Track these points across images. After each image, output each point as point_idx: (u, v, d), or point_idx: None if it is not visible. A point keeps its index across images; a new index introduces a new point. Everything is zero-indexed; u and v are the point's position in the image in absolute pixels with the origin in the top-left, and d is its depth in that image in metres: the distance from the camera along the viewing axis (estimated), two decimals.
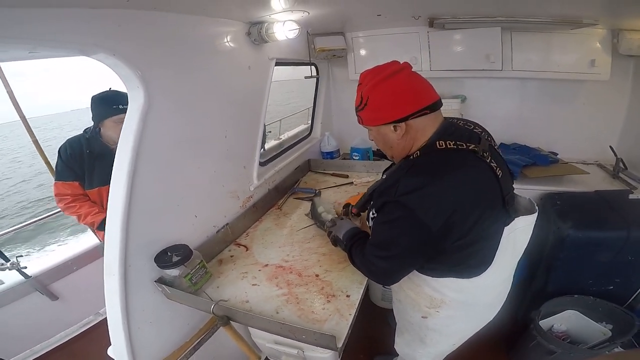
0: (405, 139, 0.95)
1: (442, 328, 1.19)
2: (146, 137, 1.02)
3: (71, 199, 1.66)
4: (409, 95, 0.89)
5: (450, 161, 0.87)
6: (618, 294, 1.73)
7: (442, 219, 0.82)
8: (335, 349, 0.92)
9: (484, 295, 1.10)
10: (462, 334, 1.27)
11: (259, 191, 1.76)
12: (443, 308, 1.11)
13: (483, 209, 0.86)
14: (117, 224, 1.00)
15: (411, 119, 0.90)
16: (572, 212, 1.73)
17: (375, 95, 0.91)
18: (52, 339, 2.27)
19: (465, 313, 1.14)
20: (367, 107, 0.94)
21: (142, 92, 0.98)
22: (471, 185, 0.86)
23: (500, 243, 0.95)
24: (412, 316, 1.26)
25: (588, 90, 2.18)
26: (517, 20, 1.85)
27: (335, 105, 2.85)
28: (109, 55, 0.89)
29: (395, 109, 0.90)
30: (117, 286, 1.02)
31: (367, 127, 1.03)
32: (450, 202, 0.82)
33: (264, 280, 1.25)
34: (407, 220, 0.84)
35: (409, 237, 0.88)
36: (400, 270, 0.99)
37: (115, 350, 1.10)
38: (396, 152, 1.01)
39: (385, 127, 0.95)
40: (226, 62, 1.39)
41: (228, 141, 1.46)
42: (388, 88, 0.89)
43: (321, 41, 2.15)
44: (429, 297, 1.12)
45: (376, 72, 0.92)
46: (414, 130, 0.93)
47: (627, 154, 2.07)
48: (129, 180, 0.99)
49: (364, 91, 0.94)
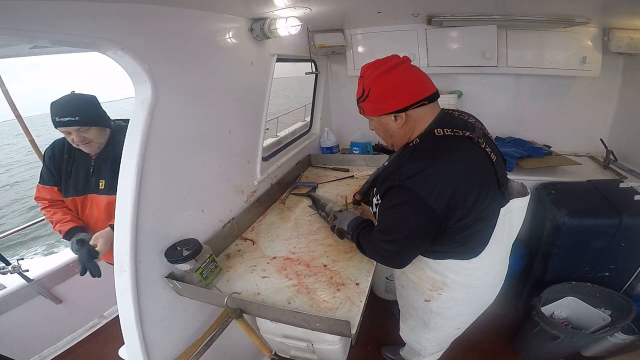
0: (404, 128, 1.00)
1: (445, 311, 1.24)
2: (153, 132, 1.02)
3: (48, 204, 1.57)
4: (409, 87, 0.94)
5: (448, 146, 0.93)
6: (614, 279, 1.80)
7: (445, 200, 0.87)
8: (350, 335, 0.94)
9: (482, 277, 1.16)
10: (465, 317, 1.31)
11: (262, 186, 1.78)
12: (445, 290, 1.17)
13: (480, 189, 0.92)
14: (127, 219, 1.00)
15: (411, 109, 0.95)
16: (566, 200, 1.79)
17: (376, 87, 0.96)
18: (59, 344, 2.23)
19: (466, 295, 1.19)
20: (368, 99, 0.99)
21: (150, 86, 0.98)
22: (469, 167, 0.92)
23: (496, 224, 1.01)
24: (416, 300, 1.30)
25: (579, 86, 2.26)
26: (513, 18, 1.92)
27: (334, 101, 2.89)
28: (117, 49, 0.90)
29: (395, 100, 0.94)
30: (129, 284, 1.01)
31: (369, 117, 1.07)
32: (451, 183, 0.88)
33: (273, 272, 1.26)
34: (412, 203, 0.89)
35: (415, 219, 0.93)
36: (409, 252, 1.03)
37: (129, 350, 1.09)
38: (396, 141, 1.06)
39: (386, 117, 0.99)
40: (230, 57, 1.40)
41: (232, 136, 1.47)
42: (389, 80, 0.94)
43: (321, 38, 2.19)
44: (431, 280, 1.17)
45: (377, 65, 0.96)
46: (413, 120, 0.98)
47: (617, 146, 2.15)
48: (137, 175, 0.99)
49: (365, 83, 0.98)
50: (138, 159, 0.99)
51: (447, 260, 1.09)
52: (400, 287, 1.42)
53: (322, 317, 0.96)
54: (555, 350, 1.80)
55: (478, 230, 1.00)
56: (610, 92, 2.21)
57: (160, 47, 1.04)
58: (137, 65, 0.95)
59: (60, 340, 2.24)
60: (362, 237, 1.15)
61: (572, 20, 1.84)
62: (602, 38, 1.99)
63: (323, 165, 2.37)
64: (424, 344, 1.49)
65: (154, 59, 1.00)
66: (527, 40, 2.12)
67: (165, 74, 1.05)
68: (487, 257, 1.06)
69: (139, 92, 1.00)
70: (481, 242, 1.04)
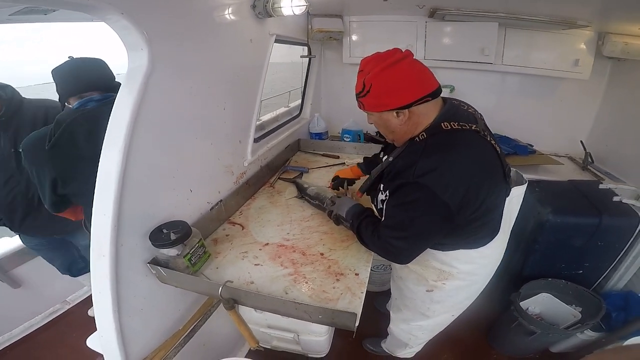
0: (407, 125, 0.97)
1: (446, 299, 1.27)
2: (145, 102, 0.92)
3: None
4: (412, 83, 0.91)
5: (459, 140, 0.92)
6: (586, 277, 1.88)
7: (459, 196, 0.87)
8: (353, 327, 0.90)
9: (487, 265, 1.20)
10: (462, 304, 1.34)
11: (252, 168, 1.70)
12: (450, 280, 1.19)
13: (491, 182, 0.94)
14: (109, 195, 0.88)
15: (414, 106, 0.92)
16: (550, 198, 1.84)
17: (378, 83, 0.91)
18: (14, 330, 2.07)
19: (469, 283, 1.22)
20: (369, 94, 0.94)
21: (146, 54, 0.88)
22: (480, 161, 0.92)
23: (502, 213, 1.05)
24: (416, 292, 1.30)
25: (566, 87, 2.33)
26: (517, 17, 1.94)
27: (325, 87, 2.84)
28: (117, 14, 0.79)
29: (398, 96, 0.91)
30: (108, 269, 0.90)
31: (369, 112, 1.03)
32: (465, 179, 0.87)
33: (267, 260, 1.19)
34: (427, 200, 0.87)
35: (430, 216, 0.91)
36: (418, 248, 1.01)
37: (102, 342, 0.99)
38: (398, 136, 1.03)
39: (387, 114, 0.96)
40: (229, 33, 1.30)
41: (226, 114, 1.37)
42: (391, 76, 0.90)
43: (319, 22, 2.14)
44: (437, 271, 1.18)
45: (379, 60, 0.92)
46: (416, 116, 0.95)
47: (595, 149, 2.24)
48: (125, 146, 0.88)
49: (366, 78, 0.93)
50: (126, 130, 0.88)
51: (456, 251, 1.10)
52: (398, 278, 1.40)
53: (325, 308, 0.91)
54: (529, 345, 1.86)
55: (487, 221, 1.02)
56: (595, 96, 2.29)
57: (159, 16, 0.93)
58: (136, 31, 0.85)
59: (17, 327, 2.08)
60: (364, 228, 1.11)
61: (574, 23, 1.88)
62: (596, 42, 2.05)
63: (312, 151, 2.32)
64: (416, 333, 1.50)
65: (153, 27, 0.89)
66: (524, 40, 2.16)
67: (163, 45, 0.94)
68: (493, 245, 1.09)
69: (133, 59, 0.89)
70: (490, 232, 1.06)
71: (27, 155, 1.22)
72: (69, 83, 1.24)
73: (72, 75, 1.24)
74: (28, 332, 2.09)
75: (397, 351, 1.78)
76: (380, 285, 2.39)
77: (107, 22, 0.83)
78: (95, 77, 1.27)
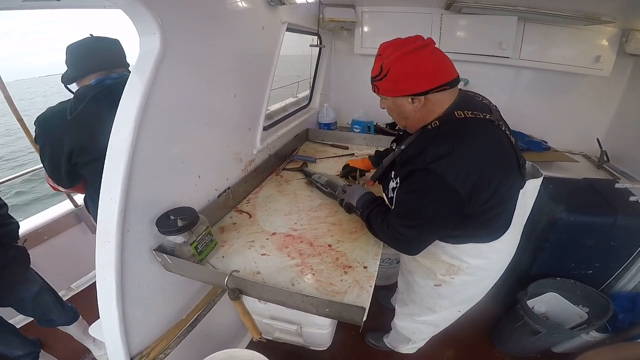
0: (421, 112, 0.96)
1: (454, 295, 1.25)
2: (156, 86, 0.90)
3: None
4: (431, 70, 0.89)
5: (472, 128, 0.91)
6: (596, 278, 1.84)
7: (470, 184, 0.85)
8: (360, 322, 0.88)
9: (498, 260, 1.17)
10: (470, 300, 1.33)
11: (260, 156, 1.69)
12: (459, 275, 1.17)
13: (503, 172, 0.92)
14: (117, 179, 0.86)
15: (431, 93, 0.91)
16: (564, 196, 1.79)
17: (396, 68, 0.90)
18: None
19: (478, 279, 1.20)
20: (386, 78, 0.93)
21: (158, 39, 0.87)
22: (493, 150, 0.91)
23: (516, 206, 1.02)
24: (423, 286, 1.29)
25: (586, 84, 2.27)
26: (537, 11, 1.89)
27: (334, 78, 2.82)
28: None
29: (416, 83, 0.90)
30: (113, 256, 0.89)
31: (383, 96, 1.02)
32: (477, 167, 0.86)
33: (273, 250, 1.17)
34: (438, 187, 0.86)
35: (439, 204, 0.90)
36: (428, 238, 1.00)
37: (105, 330, 0.98)
38: (411, 123, 1.02)
39: (402, 99, 0.95)
40: (241, 20, 1.28)
41: (236, 101, 1.35)
42: (411, 62, 0.88)
43: (331, 12, 2.11)
44: (446, 265, 1.16)
45: (400, 45, 0.90)
46: (431, 104, 0.94)
47: (612, 147, 2.19)
48: (135, 130, 0.86)
49: (384, 62, 0.91)
50: (136, 113, 0.86)
51: (467, 245, 1.07)
52: (406, 271, 1.39)
53: (333, 302, 0.89)
54: (532, 345, 1.84)
55: (499, 213, 0.99)
56: (614, 93, 2.23)
57: (173, 2, 0.91)
58: (149, 16, 0.83)
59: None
60: (374, 217, 1.09)
61: (598, 19, 1.83)
62: (620, 38, 1.99)
63: (321, 141, 2.31)
64: (421, 327, 1.49)
65: (166, 13, 0.87)
66: (543, 35, 2.11)
67: (175, 30, 0.92)
68: (505, 239, 1.06)
69: (145, 43, 0.88)
70: (502, 225, 1.03)
71: (44, 128, 1.21)
72: (87, 60, 1.25)
73: (93, 51, 1.25)
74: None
75: (399, 346, 1.78)
76: (385, 279, 2.38)
77: (120, 7, 0.82)
78: (115, 56, 1.29)
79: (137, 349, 1.05)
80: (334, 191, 1.41)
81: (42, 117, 1.21)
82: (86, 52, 1.24)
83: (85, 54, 1.24)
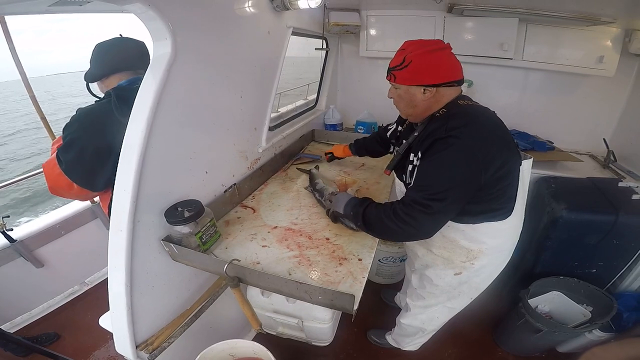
0: (429, 102, 1.08)
1: (473, 279, 1.32)
2: (168, 87, 0.97)
3: None
4: (447, 68, 1.05)
5: (479, 109, 1.07)
6: (600, 277, 1.84)
7: (485, 150, 0.96)
8: (352, 310, 0.92)
9: (511, 238, 1.25)
10: (484, 282, 1.36)
11: (266, 154, 1.76)
12: (478, 258, 1.24)
13: (508, 145, 1.04)
14: (130, 172, 0.93)
15: (442, 87, 1.05)
16: (565, 195, 1.80)
17: (419, 61, 1.03)
18: (33, 311, 2.15)
19: (494, 259, 1.27)
20: (407, 69, 1.05)
21: (170, 43, 0.94)
22: (499, 127, 1.05)
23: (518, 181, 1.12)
24: (443, 277, 1.34)
25: (591, 85, 2.26)
26: (537, 13, 1.92)
27: (341, 80, 2.88)
28: (144, 5, 0.85)
29: (434, 75, 1.04)
30: (124, 244, 0.95)
31: (397, 85, 1.12)
32: (490, 136, 0.99)
33: (274, 242, 1.23)
34: (459, 151, 0.96)
35: (462, 167, 0.97)
36: (449, 209, 1.01)
37: (113, 318, 1.04)
38: (417, 111, 1.13)
39: (415, 88, 1.07)
40: (247, 25, 1.35)
41: (243, 102, 1.42)
42: (432, 58, 1.03)
43: (336, 16, 2.17)
44: (465, 251, 1.23)
45: (424, 44, 1.05)
46: (440, 96, 1.08)
47: (618, 147, 2.18)
48: (147, 127, 0.94)
49: (408, 55, 1.04)
50: (149, 112, 0.93)
51: (483, 224, 1.14)
52: (421, 267, 1.43)
53: (325, 289, 0.93)
54: (535, 344, 1.84)
55: (507, 184, 1.07)
56: (620, 93, 2.22)
57: (183, 8, 0.98)
58: (161, 22, 0.90)
59: (36, 307, 2.15)
60: (373, 212, 1.09)
61: (598, 19, 1.84)
62: (623, 39, 1.99)
63: (326, 142, 2.37)
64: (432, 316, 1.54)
65: (177, 18, 0.95)
66: (546, 36, 2.13)
67: (185, 35, 0.99)
68: (516, 215, 1.15)
69: (158, 47, 0.95)
70: (510, 197, 1.11)
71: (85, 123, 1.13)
72: (116, 59, 1.24)
73: (123, 51, 1.25)
74: (46, 312, 2.16)
75: (404, 341, 1.80)
76: (389, 278, 2.40)
77: (134, 12, 0.88)
78: (144, 57, 1.29)
79: (143, 337, 1.10)
80: (322, 198, 1.44)
81: (86, 111, 1.14)
82: (117, 51, 1.24)
83: (117, 52, 1.24)
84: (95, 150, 1.12)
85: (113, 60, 1.23)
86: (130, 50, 1.26)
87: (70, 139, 1.11)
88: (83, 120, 1.13)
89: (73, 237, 2.32)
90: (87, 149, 1.12)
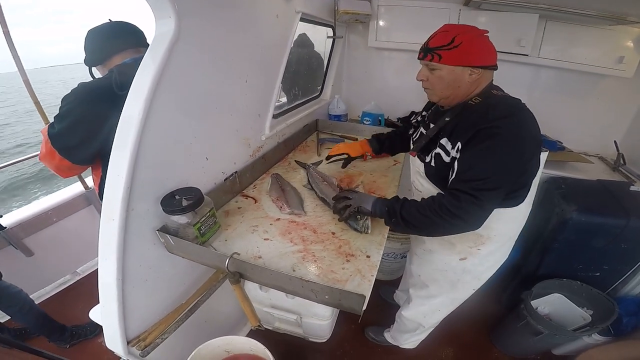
0: (472, 84, 1.07)
1: (477, 267, 1.31)
2: (168, 67, 0.90)
3: None
4: (492, 52, 1.05)
5: (516, 101, 1.05)
6: (603, 280, 1.81)
7: (530, 142, 0.95)
8: (360, 311, 0.87)
9: (519, 226, 1.25)
10: (486, 275, 1.36)
11: (269, 143, 1.69)
12: (486, 245, 1.23)
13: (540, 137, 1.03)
14: (125, 155, 0.86)
15: (487, 69, 1.05)
16: (576, 196, 1.76)
17: (470, 42, 1.01)
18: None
19: (500, 247, 1.27)
20: (457, 49, 1.01)
21: (174, 21, 0.87)
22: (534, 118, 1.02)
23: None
24: (448, 262, 1.33)
25: (606, 85, 2.20)
26: (560, 9, 1.84)
27: (347, 70, 2.80)
28: None
29: (485, 57, 1.04)
30: (116, 234, 0.88)
31: (440, 65, 1.06)
32: (533, 128, 0.98)
33: (276, 235, 1.17)
34: (507, 141, 0.94)
35: (508, 157, 0.95)
36: (498, 196, 0.99)
37: (103, 312, 0.97)
38: (459, 92, 1.09)
39: (462, 69, 1.04)
40: (255, 6, 1.28)
41: (247, 86, 1.35)
42: (481, 41, 1.03)
43: (346, 3, 2.07)
44: (474, 236, 1.22)
45: (468, 29, 1.04)
46: (482, 78, 1.06)
47: (629, 150, 2.13)
48: (145, 108, 0.86)
49: (457, 36, 1.01)
50: (148, 92, 0.86)
51: (498, 210, 1.07)
52: (425, 252, 1.41)
53: (333, 288, 0.87)
54: (533, 346, 1.82)
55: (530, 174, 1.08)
56: (635, 95, 2.16)
57: None
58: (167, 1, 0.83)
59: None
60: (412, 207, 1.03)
61: (624, 19, 1.78)
62: None
63: (330, 132, 2.29)
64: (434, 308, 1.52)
65: None
66: (565, 34, 2.06)
67: (189, 14, 0.92)
68: (526, 202, 1.14)
69: (160, 25, 0.88)
70: (526, 185, 1.10)
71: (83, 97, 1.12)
72: (114, 40, 1.25)
73: (118, 32, 1.26)
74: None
75: (403, 337, 1.77)
76: (389, 274, 2.37)
77: None
78: (140, 35, 1.31)
79: (135, 333, 1.04)
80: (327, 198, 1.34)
81: (85, 86, 1.14)
82: (113, 33, 1.25)
83: (113, 34, 1.25)
84: (87, 124, 1.14)
85: (112, 42, 1.24)
86: (126, 30, 1.28)
87: (67, 110, 1.12)
88: (80, 93, 1.13)
89: (65, 225, 2.25)
90: (80, 122, 1.13)
